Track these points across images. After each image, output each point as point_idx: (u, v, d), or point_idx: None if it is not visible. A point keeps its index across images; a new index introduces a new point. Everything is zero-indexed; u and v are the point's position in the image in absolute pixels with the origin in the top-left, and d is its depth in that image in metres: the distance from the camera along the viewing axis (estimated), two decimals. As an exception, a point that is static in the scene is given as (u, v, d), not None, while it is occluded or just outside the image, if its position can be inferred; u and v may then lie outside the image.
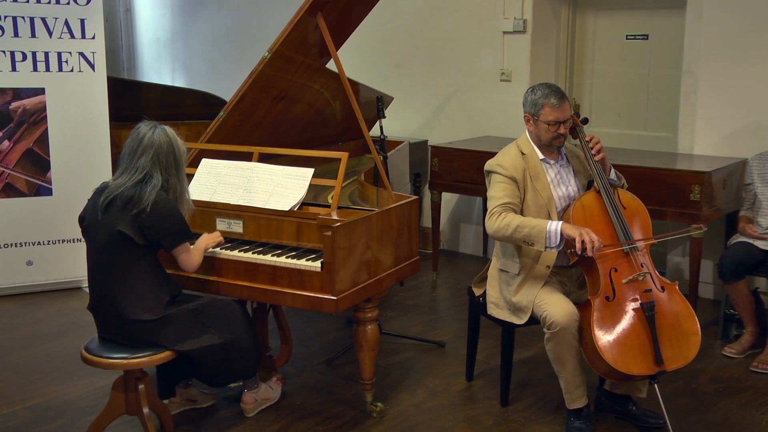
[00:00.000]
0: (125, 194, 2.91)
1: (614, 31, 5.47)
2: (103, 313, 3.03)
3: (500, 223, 3.14)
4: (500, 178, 3.25)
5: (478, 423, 3.39)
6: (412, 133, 6.15)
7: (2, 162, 4.95)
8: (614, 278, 3.11)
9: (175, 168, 3.02)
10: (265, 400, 3.47)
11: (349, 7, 3.78)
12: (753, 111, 4.65)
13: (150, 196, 2.89)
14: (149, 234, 2.92)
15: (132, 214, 2.89)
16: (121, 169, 3.00)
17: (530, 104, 3.28)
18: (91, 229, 3.01)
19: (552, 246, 3.06)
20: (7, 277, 5.04)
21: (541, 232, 3.06)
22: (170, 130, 3.05)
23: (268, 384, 3.52)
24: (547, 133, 3.25)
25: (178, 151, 3.03)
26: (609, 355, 2.97)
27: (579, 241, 2.98)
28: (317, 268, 3.04)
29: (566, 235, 3.03)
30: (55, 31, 4.96)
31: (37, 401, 3.60)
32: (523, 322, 3.27)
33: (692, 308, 3.18)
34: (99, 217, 2.94)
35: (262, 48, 3.64)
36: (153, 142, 2.96)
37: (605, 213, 3.20)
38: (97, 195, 3.00)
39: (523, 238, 3.11)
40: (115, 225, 2.90)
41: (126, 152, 3.00)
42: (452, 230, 6.15)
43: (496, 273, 3.40)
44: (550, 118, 3.22)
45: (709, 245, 4.63)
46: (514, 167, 3.26)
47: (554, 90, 3.25)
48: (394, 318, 4.64)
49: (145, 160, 2.95)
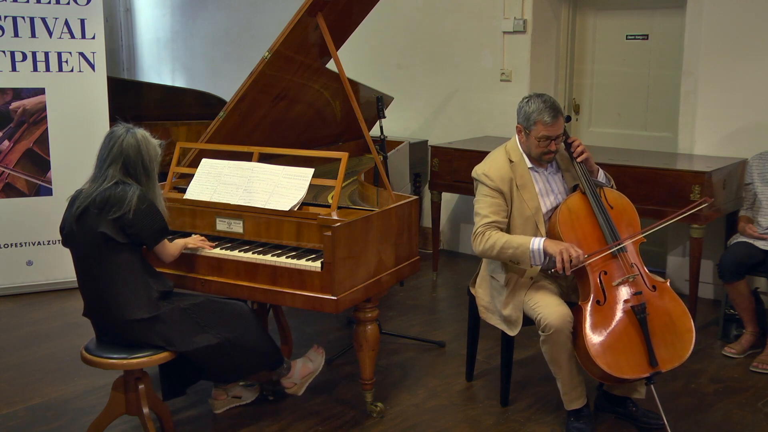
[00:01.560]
0: (99, 198, 2.91)
1: (614, 31, 5.47)
2: (98, 317, 3.04)
3: (485, 245, 3.17)
4: (486, 190, 3.24)
5: (478, 423, 3.39)
6: (412, 133, 6.15)
7: (2, 162, 4.95)
8: (604, 281, 3.10)
9: (145, 176, 3.01)
10: (307, 376, 3.45)
11: (349, 7, 3.77)
12: (753, 111, 4.65)
13: (132, 200, 2.90)
14: (131, 233, 2.93)
15: (112, 218, 2.89)
16: (94, 175, 3.01)
17: (523, 116, 3.24)
18: (70, 238, 3.03)
19: (537, 263, 3.10)
20: (7, 277, 5.04)
21: (525, 252, 3.09)
22: (141, 135, 3.01)
23: (307, 356, 3.51)
24: (537, 149, 3.23)
25: (147, 158, 3.00)
26: (602, 360, 2.96)
27: (559, 259, 2.99)
28: (317, 268, 3.04)
29: (548, 253, 3.06)
30: (55, 31, 4.96)
31: (37, 401, 3.60)
32: (515, 334, 3.29)
33: (685, 305, 3.17)
34: (74, 227, 2.96)
35: (262, 48, 3.64)
36: (122, 151, 2.96)
37: (592, 215, 3.19)
38: (70, 205, 3.02)
39: (508, 257, 3.15)
40: (95, 228, 2.91)
41: (98, 156, 3.02)
42: (452, 230, 6.15)
43: (487, 277, 3.40)
44: (541, 134, 3.19)
45: (709, 245, 4.63)
46: (501, 178, 3.23)
47: (549, 106, 3.18)
48: (394, 318, 4.64)
49: (114, 169, 2.96)
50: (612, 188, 3.38)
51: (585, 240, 3.13)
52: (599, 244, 3.14)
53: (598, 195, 3.23)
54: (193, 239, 3.28)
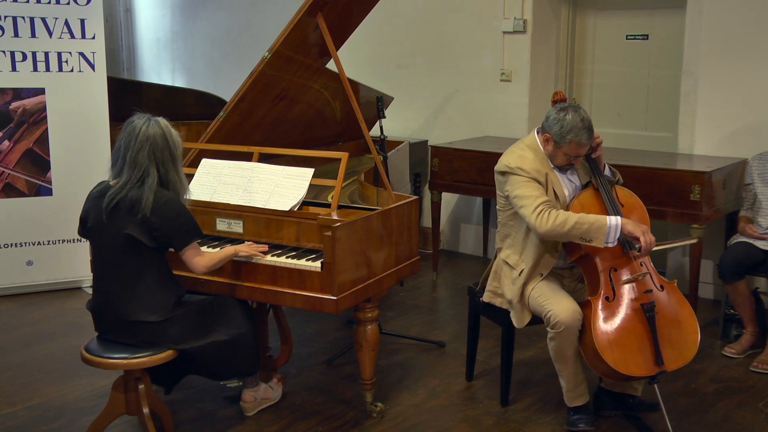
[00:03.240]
0: (130, 197, 2.85)
1: (614, 31, 5.47)
2: (104, 314, 3.01)
3: (556, 221, 3.03)
4: (523, 179, 3.15)
5: (478, 423, 3.39)
6: (412, 133, 6.15)
7: (2, 162, 4.95)
8: (614, 278, 3.10)
9: (172, 162, 2.93)
10: (264, 399, 3.47)
11: (349, 7, 3.77)
12: (753, 111, 4.65)
13: (149, 198, 2.83)
14: (158, 236, 2.88)
15: (139, 218, 2.85)
16: (119, 167, 2.92)
17: (558, 132, 3.14)
18: (95, 231, 2.97)
19: (611, 241, 3.02)
20: (7, 277, 5.04)
21: (601, 227, 2.99)
22: (164, 122, 2.95)
23: (269, 384, 3.52)
24: (563, 160, 3.21)
25: (173, 144, 2.93)
26: (609, 356, 2.97)
27: (644, 240, 2.99)
28: (317, 268, 3.04)
29: (627, 232, 3.01)
30: (55, 31, 4.96)
31: (37, 401, 3.59)
32: (520, 327, 3.28)
33: (692, 307, 3.18)
34: (104, 220, 2.90)
35: (262, 48, 3.64)
36: (148, 137, 2.87)
37: (604, 211, 3.20)
38: (98, 197, 2.95)
39: (581, 234, 3.01)
40: (123, 229, 2.86)
41: (120, 147, 2.91)
42: (452, 230, 6.15)
43: (501, 263, 3.38)
44: (573, 153, 3.16)
45: (709, 245, 4.64)
46: (536, 171, 3.17)
47: (587, 126, 3.12)
48: (394, 318, 4.64)
49: (141, 156, 2.86)
50: (620, 183, 3.37)
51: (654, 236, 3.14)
52: None
53: (611, 191, 3.22)
54: (246, 247, 3.13)
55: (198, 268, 2.98)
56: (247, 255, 3.11)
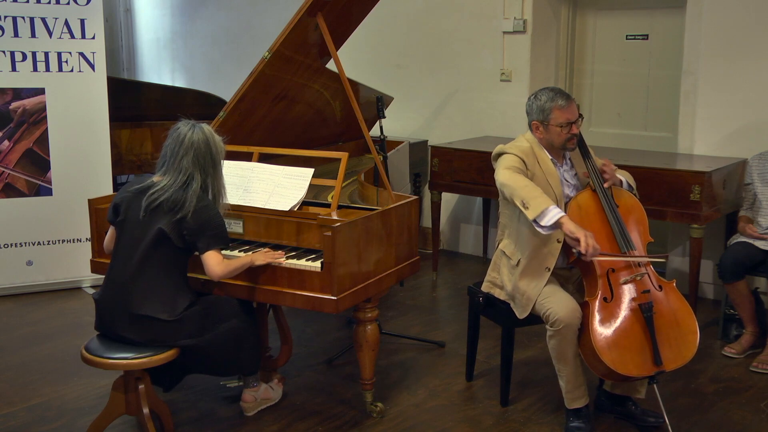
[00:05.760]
0: (172, 198, 2.93)
1: (614, 31, 5.47)
2: (112, 305, 3.00)
3: (514, 176, 3.10)
4: (510, 155, 3.22)
5: (478, 423, 3.39)
6: (412, 133, 6.15)
7: (2, 162, 4.95)
8: (612, 279, 3.10)
9: (213, 168, 3.03)
10: (264, 399, 3.47)
11: (349, 7, 3.77)
12: (753, 111, 4.65)
13: (192, 202, 2.92)
14: (188, 236, 2.94)
15: (176, 219, 2.92)
16: (165, 169, 3.01)
17: (537, 111, 3.23)
18: (129, 222, 3.02)
19: (540, 222, 2.97)
20: (7, 277, 5.04)
21: (539, 206, 2.97)
22: (207, 129, 3.07)
23: (269, 385, 3.52)
24: (560, 137, 3.22)
25: (215, 150, 3.04)
26: (608, 356, 2.97)
27: (584, 242, 2.92)
28: (317, 268, 3.04)
29: (569, 231, 2.95)
30: (55, 31, 4.96)
31: (37, 401, 3.59)
32: (521, 318, 3.26)
33: (690, 307, 3.18)
34: (141, 216, 2.97)
35: (262, 48, 3.64)
36: (192, 143, 2.99)
37: (601, 212, 3.19)
38: (139, 192, 3.01)
39: (523, 198, 3.01)
40: (157, 224, 2.93)
41: (167, 153, 3.02)
42: (452, 230, 6.15)
43: (500, 254, 3.39)
44: (561, 120, 3.19)
45: (709, 245, 4.63)
46: (524, 153, 3.22)
47: (558, 92, 3.22)
48: (394, 318, 4.64)
49: (187, 161, 2.97)
50: (632, 191, 3.35)
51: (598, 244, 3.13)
52: (608, 242, 3.14)
53: (609, 194, 3.22)
54: (262, 255, 3.12)
55: (215, 273, 3.00)
56: (264, 263, 3.12)
